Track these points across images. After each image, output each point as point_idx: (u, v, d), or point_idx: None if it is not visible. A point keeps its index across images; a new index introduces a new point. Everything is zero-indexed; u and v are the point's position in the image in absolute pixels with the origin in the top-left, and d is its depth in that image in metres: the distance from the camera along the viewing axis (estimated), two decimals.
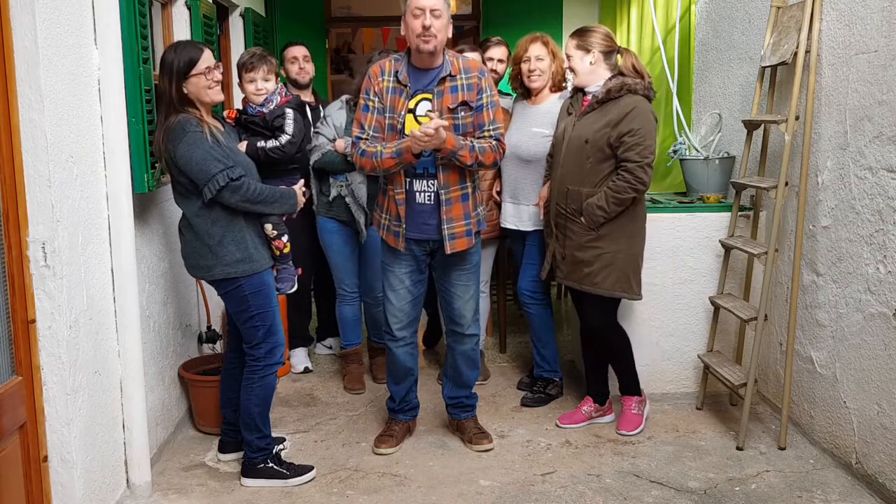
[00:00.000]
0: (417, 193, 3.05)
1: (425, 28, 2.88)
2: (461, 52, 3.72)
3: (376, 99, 3.01)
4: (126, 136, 2.77)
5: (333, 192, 3.81)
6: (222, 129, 2.89)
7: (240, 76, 3.25)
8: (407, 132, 2.96)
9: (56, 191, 2.37)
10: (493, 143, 3.05)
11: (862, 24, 2.89)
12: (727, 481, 3.00)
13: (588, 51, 3.26)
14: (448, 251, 3.06)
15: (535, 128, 3.59)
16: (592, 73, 3.26)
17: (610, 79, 3.24)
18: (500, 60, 3.96)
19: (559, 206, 3.29)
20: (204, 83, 2.78)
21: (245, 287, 2.86)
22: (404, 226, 3.05)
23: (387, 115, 3.00)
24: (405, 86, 2.99)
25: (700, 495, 2.90)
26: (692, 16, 4.58)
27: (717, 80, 4.22)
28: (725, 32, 4.12)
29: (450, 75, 3.00)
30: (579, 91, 3.36)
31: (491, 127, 3.06)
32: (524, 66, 3.61)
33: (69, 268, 2.45)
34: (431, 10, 2.87)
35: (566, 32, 6.45)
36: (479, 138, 3.05)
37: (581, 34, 3.30)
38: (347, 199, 3.78)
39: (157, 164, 3.09)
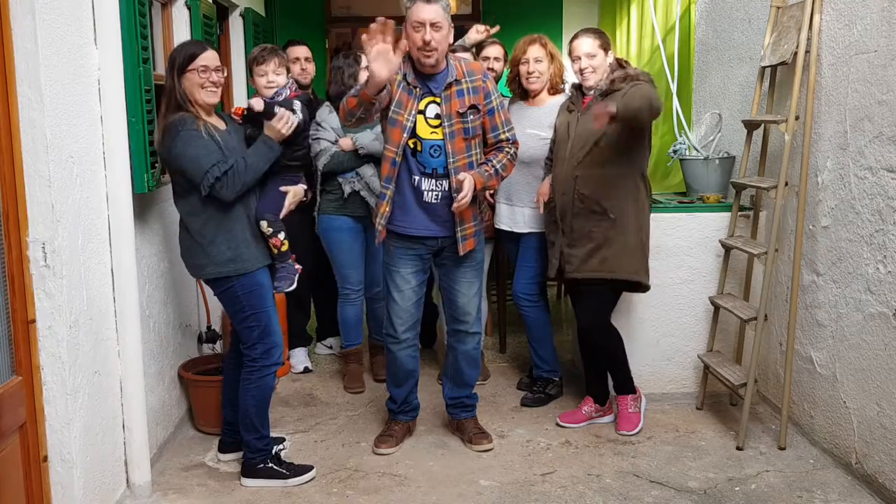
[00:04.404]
0: (425, 192, 3.05)
1: (426, 43, 2.88)
2: (454, 52, 3.73)
3: None
4: (126, 136, 2.77)
5: (347, 189, 3.82)
6: (223, 127, 2.89)
7: (251, 71, 3.27)
8: (419, 132, 2.99)
9: (56, 191, 2.37)
10: (510, 151, 3.13)
11: (862, 23, 2.89)
12: (727, 481, 3.00)
13: (608, 50, 3.29)
14: (461, 252, 3.08)
15: (531, 129, 3.58)
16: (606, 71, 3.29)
17: (612, 72, 3.27)
18: (496, 59, 3.97)
19: (565, 196, 3.27)
20: (197, 80, 2.77)
21: (238, 287, 2.87)
22: (384, 222, 3.06)
23: (393, 107, 2.99)
24: (415, 87, 3.00)
25: (700, 495, 2.91)
26: (692, 15, 4.58)
27: (717, 80, 4.22)
28: (725, 32, 4.12)
29: (455, 80, 3.01)
30: (579, 90, 3.36)
31: (505, 129, 3.12)
32: (523, 68, 3.59)
33: (69, 268, 2.45)
34: (432, 24, 2.87)
35: (566, 32, 6.46)
36: (496, 145, 3.12)
37: (600, 34, 3.31)
38: (363, 193, 3.80)
39: (156, 164, 3.09)
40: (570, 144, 3.28)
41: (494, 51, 3.98)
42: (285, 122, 2.90)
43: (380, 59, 2.69)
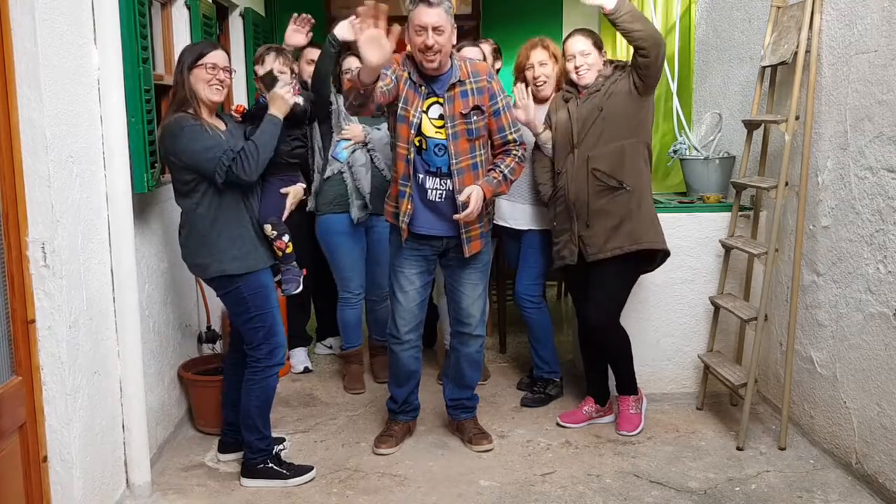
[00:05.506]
0: (429, 191, 3.04)
1: (428, 47, 2.86)
2: (460, 49, 3.72)
3: (393, 76, 2.94)
4: (126, 136, 2.77)
5: (328, 172, 3.78)
6: (223, 128, 2.89)
7: (254, 70, 3.28)
8: (424, 130, 2.98)
9: (56, 191, 2.37)
10: (518, 154, 3.10)
11: (862, 23, 2.89)
12: (727, 481, 3.00)
13: (601, 49, 3.30)
14: (467, 254, 3.07)
15: None
16: None
17: (604, 67, 3.30)
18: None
19: (578, 181, 3.25)
20: (204, 76, 2.78)
21: (243, 288, 2.86)
22: (408, 220, 3.05)
23: (401, 105, 2.98)
24: (420, 85, 2.99)
25: (700, 495, 2.90)
26: (692, 15, 4.58)
27: (717, 80, 4.22)
28: (725, 32, 4.12)
29: (459, 81, 2.99)
30: (574, 87, 3.35)
31: (511, 129, 3.10)
32: (528, 74, 3.56)
33: (69, 268, 2.45)
34: (434, 28, 2.85)
35: (566, 33, 6.45)
36: (503, 147, 3.09)
37: (592, 33, 3.32)
38: (345, 175, 3.75)
39: (156, 164, 3.09)
40: (575, 129, 3.26)
41: (473, 52, 3.93)
42: (288, 90, 2.89)
43: (371, 45, 2.61)
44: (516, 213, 3.69)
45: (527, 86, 3.59)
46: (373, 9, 2.57)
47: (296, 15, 3.56)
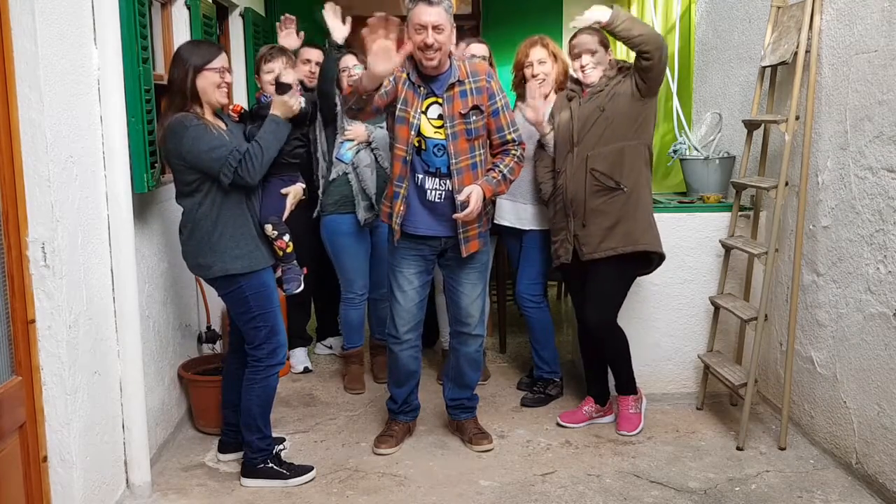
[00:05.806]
0: (429, 191, 3.04)
1: (428, 46, 2.87)
2: (467, 45, 3.72)
3: (392, 77, 2.94)
4: (126, 136, 2.77)
5: (333, 174, 3.78)
6: (224, 128, 2.89)
7: (258, 68, 3.29)
8: (423, 131, 2.99)
9: (56, 191, 2.37)
10: (517, 154, 3.10)
11: (862, 23, 2.89)
12: (727, 481, 3.00)
13: (608, 47, 3.30)
14: (464, 254, 3.07)
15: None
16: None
17: (611, 68, 3.29)
18: (483, 58, 3.94)
19: (576, 180, 3.24)
20: (215, 79, 2.78)
21: (245, 288, 2.86)
22: (399, 221, 3.05)
23: (399, 105, 2.99)
24: (419, 86, 2.99)
25: (700, 495, 2.90)
26: (692, 15, 4.58)
27: (717, 80, 4.22)
28: (725, 32, 4.12)
29: (458, 81, 3.00)
30: (578, 84, 3.35)
31: (510, 130, 3.10)
32: (527, 72, 3.56)
33: (69, 268, 2.45)
34: (434, 27, 2.86)
35: (566, 33, 6.45)
36: (501, 146, 3.10)
37: (598, 32, 3.31)
38: (350, 176, 3.76)
39: (156, 164, 3.09)
40: (576, 128, 3.26)
41: (479, 49, 3.95)
42: (296, 98, 2.90)
43: (380, 56, 2.70)
44: (518, 213, 3.69)
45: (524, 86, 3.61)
46: (383, 21, 2.65)
47: (279, 22, 3.61)
